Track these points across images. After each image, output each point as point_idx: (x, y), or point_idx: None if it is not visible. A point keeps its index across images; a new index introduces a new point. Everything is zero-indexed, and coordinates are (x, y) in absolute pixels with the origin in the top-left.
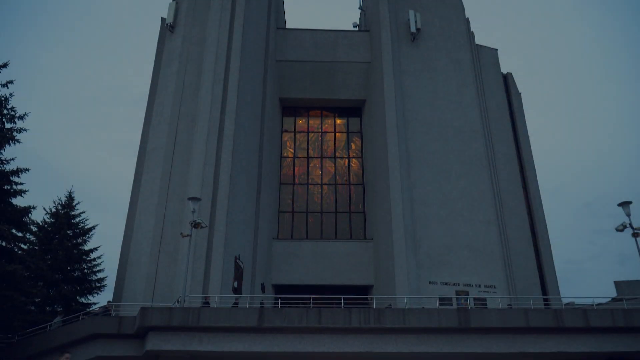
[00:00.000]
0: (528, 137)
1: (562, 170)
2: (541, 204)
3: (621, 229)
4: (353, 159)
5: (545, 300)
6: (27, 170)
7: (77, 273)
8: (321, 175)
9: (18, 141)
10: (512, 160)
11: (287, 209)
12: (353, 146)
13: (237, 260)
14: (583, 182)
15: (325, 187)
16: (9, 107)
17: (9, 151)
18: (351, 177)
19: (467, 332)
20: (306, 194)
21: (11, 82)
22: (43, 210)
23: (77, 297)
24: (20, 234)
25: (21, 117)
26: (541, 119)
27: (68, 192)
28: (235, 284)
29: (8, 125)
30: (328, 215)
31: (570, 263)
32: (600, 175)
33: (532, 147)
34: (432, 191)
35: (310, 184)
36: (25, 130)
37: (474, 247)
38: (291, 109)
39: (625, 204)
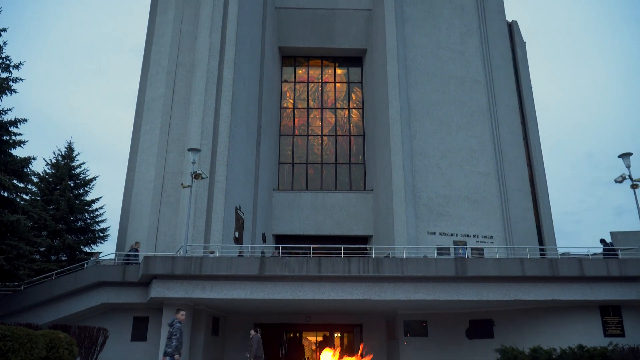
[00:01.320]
0: (531, 87)
1: (564, 120)
2: (541, 155)
3: (620, 180)
4: (353, 110)
5: (541, 250)
6: (25, 120)
7: (80, 223)
8: (321, 126)
9: (14, 91)
10: (513, 111)
11: (287, 160)
12: (354, 97)
13: (238, 211)
14: (585, 132)
15: (325, 138)
16: (3, 55)
17: (6, 101)
18: (351, 128)
19: (463, 280)
20: (306, 145)
21: (4, 30)
22: (43, 161)
23: (82, 247)
24: (21, 185)
25: (16, 67)
26: (544, 69)
27: (67, 143)
28: (237, 234)
29: (3, 75)
30: (328, 166)
31: (567, 214)
32: (603, 126)
33: (534, 98)
34: (433, 142)
35: (310, 135)
36: (21, 79)
37: (473, 198)
38: (291, 58)
39: (625, 155)
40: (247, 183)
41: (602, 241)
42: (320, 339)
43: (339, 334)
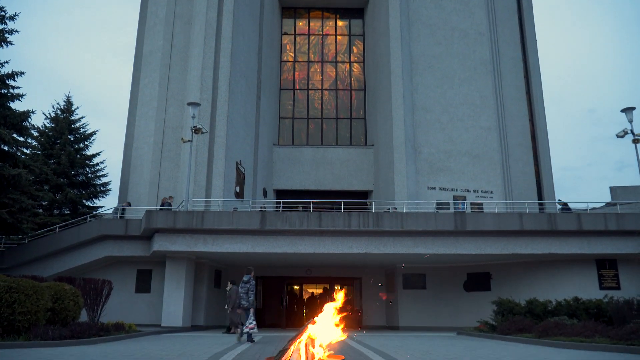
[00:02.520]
0: (536, 40)
1: (567, 74)
2: (544, 110)
3: (622, 135)
4: (355, 64)
5: (540, 204)
6: (22, 73)
7: (81, 178)
8: (322, 80)
9: (10, 43)
10: (517, 65)
11: (287, 114)
12: (355, 50)
13: (239, 166)
14: (588, 87)
15: (326, 92)
16: None
17: (2, 54)
18: (352, 82)
19: (462, 234)
20: (307, 99)
21: None
22: (42, 115)
23: (83, 201)
24: (21, 139)
25: (12, 18)
26: (549, 21)
27: (66, 96)
28: (237, 189)
29: None
30: (329, 121)
31: (567, 170)
32: (606, 81)
33: (538, 51)
34: (434, 97)
35: (311, 90)
36: (17, 31)
37: (474, 153)
38: (291, 9)
39: (628, 110)
40: (247, 138)
41: (560, 202)
42: (320, 291)
43: (339, 287)
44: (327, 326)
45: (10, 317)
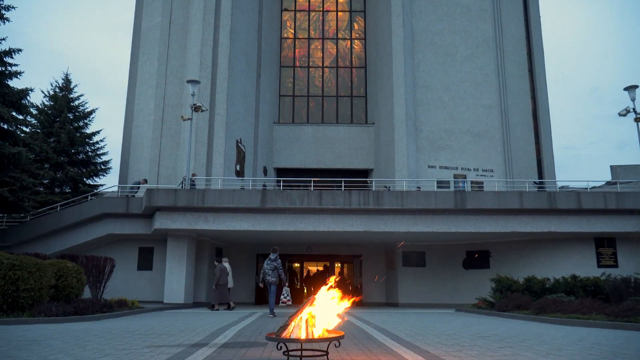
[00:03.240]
0: (539, 16)
1: (571, 52)
2: (546, 88)
3: (624, 113)
4: (355, 41)
5: (540, 183)
6: (20, 50)
7: (81, 156)
8: (322, 57)
9: (7, 19)
10: (520, 42)
11: (287, 92)
12: (356, 26)
13: (239, 144)
14: (592, 65)
15: (326, 70)
16: None
17: None
18: (353, 59)
19: (462, 213)
20: (307, 77)
21: None
22: (41, 93)
23: (84, 179)
24: (20, 117)
25: None
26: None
27: (65, 74)
28: (238, 167)
29: None
30: (329, 99)
31: (569, 149)
32: (610, 59)
33: (542, 29)
34: (436, 75)
35: (311, 67)
36: (13, 7)
37: (475, 131)
38: None
39: (631, 88)
40: (247, 116)
41: (535, 183)
42: (320, 268)
43: (339, 264)
44: (327, 303)
45: (14, 294)
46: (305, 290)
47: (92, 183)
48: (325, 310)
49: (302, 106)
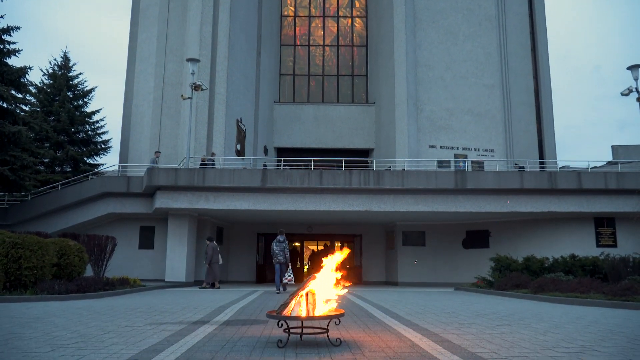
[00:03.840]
0: None
1: (574, 30)
2: (549, 67)
3: (627, 93)
4: (357, 19)
5: (541, 163)
6: (18, 28)
7: (81, 135)
8: (323, 35)
9: None
10: (523, 21)
11: (288, 71)
12: (357, 4)
13: (239, 124)
14: (595, 43)
15: (327, 48)
16: None
17: None
18: (354, 38)
19: (462, 192)
20: (307, 56)
21: None
22: (40, 72)
23: (85, 158)
24: (20, 95)
25: None
26: None
27: (63, 52)
28: (238, 147)
29: None
30: (330, 78)
31: (570, 128)
32: (614, 38)
33: (545, 6)
34: (438, 53)
35: (312, 46)
36: None
37: (476, 111)
38: None
39: (634, 67)
40: (247, 95)
41: (516, 164)
42: (321, 248)
43: (340, 244)
44: (327, 282)
45: (17, 272)
46: (306, 269)
47: (92, 162)
48: (325, 289)
49: (303, 85)
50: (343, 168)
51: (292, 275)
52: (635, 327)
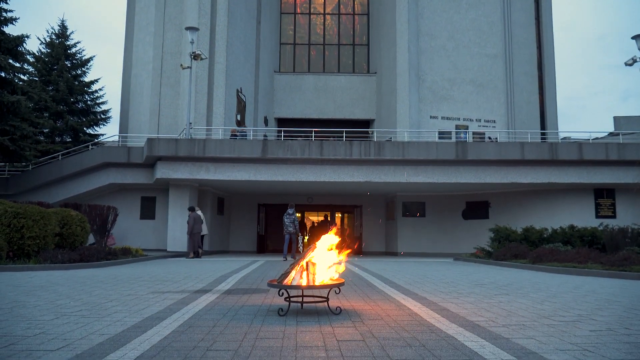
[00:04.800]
0: None
1: None
2: (552, 37)
3: (630, 63)
4: None
5: (542, 134)
6: None
7: (80, 105)
8: (324, 3)
9: None
10: None
11: (288, 40)
12: None
13: (239, 94)
14: (600, 12)
15: (328, 17)
16: None
17: None
18: (355, 6)
19: (463, 164)
20: (308, 24)
21: None
22: (38, 40)
23: (84, 129)
24: (17, 65)
25: None
26: None
27: (60, 20)
28: (238, 117)
29: None
30: (331, 47)
31: (572, 99)
32: (619, 5)
33: None
34: (440, 22)
35: (313, 14)
36: None
37: (478, 81)
38: None
39: (639, 37)
40: (247, 65)
41: (489, 138)
42: (321, 218)
43: (340, 214)
44: (327, 252)
45: (19, 242)
46: (306, 240)
47: (92, 132)
48: (325, 259)
49: (303, 55)
50: (344, 139)
51: (301, 246)
52: (631, 297)
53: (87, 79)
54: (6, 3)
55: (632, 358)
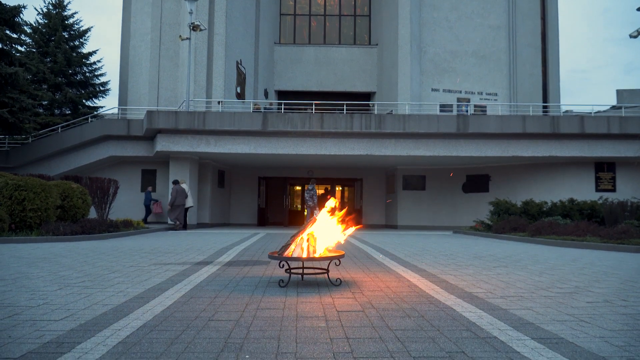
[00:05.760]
0: None
1: None
2: (557, 8)
3: (635, 35)
4: None
5: (544, 107)
6: None
7: (79, 77)
8: None
9: None
10: None
11: (288, 11)
12: None
13: (239, 66)
14: None
15: None
16: None
17: None
18: None
19: (464, 137)
20: None
21: None
22: (34, 11)
23: (83, 101)
24: (15, 36)
25: None
26: None
27: None
28: (238, 90)
29: None
30: (332, 18)
31: (575, 72)
32: None
33: None
34: None
35: None
36: None
37: (481, 53)
38: None
39: None
40: (247, 36)
41: (476, 106)
42: (322, 191)
43: (340, 188)
44: (327, 224)
45: (21, 214)
46: (306, 213)
47: (91, 105)
48: (326, 231)
49: (304, 26)
50: (344, 112)
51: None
52: (629, 269)
53: (85, 50)
54: None
55: (628, 329)
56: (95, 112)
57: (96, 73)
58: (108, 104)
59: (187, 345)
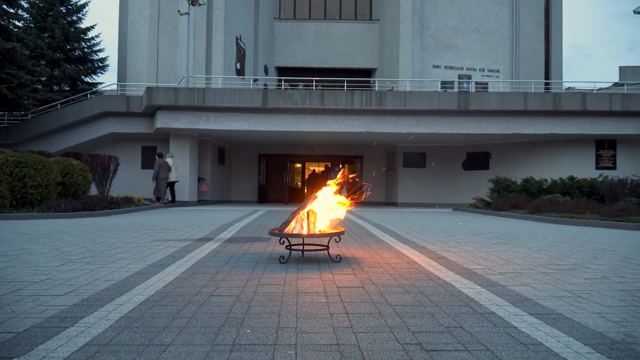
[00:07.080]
0: None
1: None
2: None
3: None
4: None
5: (546, 84)
6: None
7: (77, 52)
8: None
9: None
10: None
11: None
12: None
13: (239, 41)
14: None
15: None
16: None
17: None
18: None
19: (465, 114)
20: None
21: None
22: None
23: (82, 77)
24: (12, 10)
25: None
26: None
27: None
28: (238, 66)
29: None
30: None
31: (578, 48)
32: None
33: None
34: None
35: None
36: None
37: (483, 29)
38: None
39: None
40: (247, 11)
41: (477, 83)
42: (322, 169)
43: (341, 165)
44: (328, 201)
45: (22, 191)
46: (306, 190)
47: (90, 81)
48: (326, 208)
49: (304, 0)
50: (345, 88)
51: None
52: (627, 246)
53: (83, 25)
54: None
55: (624, 305)
56: (94, 89)
57: (94, 49)
58: (107, 80)
59: (188, 320)
